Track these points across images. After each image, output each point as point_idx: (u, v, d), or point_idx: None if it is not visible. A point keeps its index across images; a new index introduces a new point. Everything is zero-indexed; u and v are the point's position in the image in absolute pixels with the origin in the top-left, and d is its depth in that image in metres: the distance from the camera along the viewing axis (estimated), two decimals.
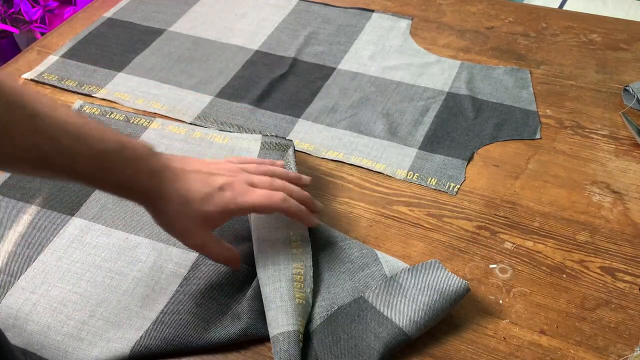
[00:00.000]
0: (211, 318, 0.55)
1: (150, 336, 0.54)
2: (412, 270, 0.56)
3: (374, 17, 0.95)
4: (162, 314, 0.56)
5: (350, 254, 0.60)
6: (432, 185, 0.68)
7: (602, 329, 0.54)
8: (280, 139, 0.71)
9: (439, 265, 0.55)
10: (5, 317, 0.57)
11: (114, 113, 0.78)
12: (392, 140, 0.74)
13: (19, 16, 1.53)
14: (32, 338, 0.55)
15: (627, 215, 0.64)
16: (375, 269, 0.58)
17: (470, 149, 0.72)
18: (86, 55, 0.89)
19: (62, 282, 0.59)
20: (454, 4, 0.97)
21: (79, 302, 0.58)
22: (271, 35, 0.92)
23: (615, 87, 0.80)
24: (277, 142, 0.71)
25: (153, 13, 0.98)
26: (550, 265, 0.60)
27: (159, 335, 0.54)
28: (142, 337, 0.54)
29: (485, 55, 0.87)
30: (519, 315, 0.56)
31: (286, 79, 0.84)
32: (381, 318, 0.53)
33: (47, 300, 0.58)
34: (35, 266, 0.61)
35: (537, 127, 0.74)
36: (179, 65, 0.87)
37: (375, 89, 0.82)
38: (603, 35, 0.89)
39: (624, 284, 0.58)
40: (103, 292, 0.58)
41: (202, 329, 0.54)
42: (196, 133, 0.75)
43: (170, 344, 0.53)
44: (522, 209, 0.65)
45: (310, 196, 0.61)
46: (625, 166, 0.69)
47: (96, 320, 0.56)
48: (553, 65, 0.84)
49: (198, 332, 0.54)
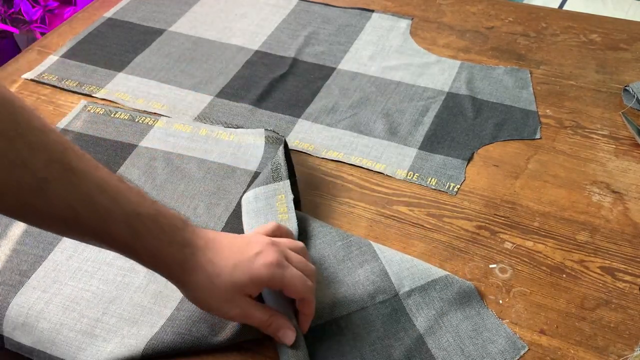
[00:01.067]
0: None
1: (165, 332, 0.54)
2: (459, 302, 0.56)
3: (374, 17, 0.95)
4: (176, 310, 0.56)
5: (350, 252, 0.60)
6: (432, 185, 0.68)
7: (602, 328, 0.54)
8: (275, 134, 0.72)
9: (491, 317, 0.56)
10: (15, 315, 0.57)
11: (118, 112, 0.79)
12: (392, 140, 0.74)
13: (19, 16, 1.53)
14: (43, 336, 0.55)
15: (627, 215, 0.64)
16: (375, 264, 0.58)
17: (470, 148, 0.72)
18: (86, 55, 0.89)
19: (74, 281, 0.60)
20: (454, 4, 0.97)
21: (92, 300, 0.58)
22: (271, 35, 0.92)
23: (615, 87, 0.80)
24: (276, 137, 0.71)
25: (153, 13, 0.98)
26: (550, 265, 0.60)
27: (174, 330, 0.54)
28: (157, 333, 0.54)
29: (485, 55, 0.87)
30: (519, 315, 0.56)
31: (286, 79, 0.84)
32: (409, 325, 0.55)
33: (60, 298, 0.58)
34: (45, 265, 0.61)
35: (537, 127, 0.74)
36: (179, 65, 0.87)
37: (375, 89, 0.82)
38: (603, 35, 0.89)
39: (624, 284, 0.58)
40: (115, 290, 0.59)
41: (217, 326, 0.54)
42: (202, 130, 0.75)
43: (185, 340, 0.53)
44: (522, 209, 0.65)
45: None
46: (625, 166, 0.69)
47: (109, 317, 0.56)
48: (553, 65, 0.84)
49: (212, 329, 0.54)
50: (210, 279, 0.49)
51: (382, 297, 0.56)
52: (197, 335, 0.53)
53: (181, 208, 0.66)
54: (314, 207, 0.66)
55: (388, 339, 0.54)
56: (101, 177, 0.46)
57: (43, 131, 0.44)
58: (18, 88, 0.84)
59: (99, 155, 0.73)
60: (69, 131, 0.76)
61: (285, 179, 0.63)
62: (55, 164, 0.43)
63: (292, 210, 0.61)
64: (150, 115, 0.78)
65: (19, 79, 0.86)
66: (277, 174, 0.63)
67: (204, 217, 0.65)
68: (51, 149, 0.43)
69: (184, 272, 0.49)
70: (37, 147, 0.43)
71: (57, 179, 0.43)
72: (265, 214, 0.61)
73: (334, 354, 0.53)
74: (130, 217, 0.46)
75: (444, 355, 0.52)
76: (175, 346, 0.53)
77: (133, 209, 0.47)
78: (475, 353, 0.52)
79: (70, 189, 0.44)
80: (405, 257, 0.59)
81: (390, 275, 0.57)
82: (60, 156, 0.44)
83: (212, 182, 0.69)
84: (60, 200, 0.43)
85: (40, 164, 0.42)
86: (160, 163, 0.71)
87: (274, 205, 0.62)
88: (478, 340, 0.53)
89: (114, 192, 0.46)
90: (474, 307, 0.56)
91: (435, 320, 0.55)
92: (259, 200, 0.62)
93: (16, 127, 0.42)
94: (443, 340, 0.53)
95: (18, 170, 0.42)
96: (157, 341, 0.53)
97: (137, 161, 0.72)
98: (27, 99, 0.82)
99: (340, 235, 0.61)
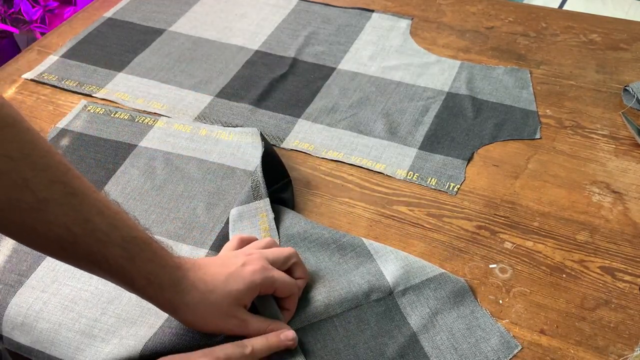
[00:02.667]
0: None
1: (163, 332, 0.54)
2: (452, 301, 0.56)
3: (374, 17, 0.95)
4: None
5: (344, 254, 0.60)
6: (432, 185, 0.68)
7: (602, 328, 0.54)
8: (263, 136, 0.72)
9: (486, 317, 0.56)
10: (14, 315, 0.57)
11: (118, 112, 0.79)
12: (392, 140, 0.74)
13: (19, 16, 1.53)
14: (42, 336, 0.56)
15: (627, 215, 0.64)
16: (370, 265, 0.59)
17: (470, 148, 0.72)
18: (86, 55, 0.89)
19: (73, 281, 0.60)
20: (454, 4, 0.97)
21: (91, 300, 0.58)
22: (271, 35, 0.92)
23: (615, 87, 0.80)
24: (266, 140, 0.72)
25: (153, 13, 0.98)
26: (550, 265, 0.60)
27: (172, 331, 0.54)
28: (155, 334, 0.54)
29: (485, 55, 0.87)
30: (519, 315, 0.56)
31: (286, 79, 0.84)
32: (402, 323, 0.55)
33: (58, 298, 0.58)
34: (44, 265, 0.61)
35: (537, 127, 0.74)
36: (179, 65, 0.87)
37: (375, 89, 0.82)
38: (603, 35, 0.89)
39: (624, 283, 0.58)
40: (114, 290, 0.59)
41: None
42: (202, 130, 0.76)
43: (183, 341, 0.53)
44: (522, 209, 0.65)
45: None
46: (625, 166, 0.69)
47: (108, 317, 0.57)
48: (553, 65, 0.84)
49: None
50: (205, 296, 0.50)
51: (377, 296, 0.56)
52: (196, 336, 0.53)
53: (181, 208, 0.66)
54: (314, 207, 0.66)
55: (382, 337, 0.54)
56: (100, 200, 0.46)
57: (48, 152, 0.44)
58: (18, 88, 0.84)
59: (98, 155, 0.73)
60: (68, 131, 0.76)
61: (265, 197, 0.64)
62: (56, 185, 0.43)
63: (274, 229, 0.62)
64: (150, 115, 0.78)
65: (19, 79, 0.86)
66: (257, 192, 0.64)
67: (204, 218, 0.65)
68: (54, 171, 0.44)
69: (177, 294, 0.49)
70: (41, 167, 0.43)
71: (57, 200, 0.43)
72: (250, 233, 0.62)
73: (328, 352, 0.53)
74: (126, 241, 0.47)
75: (437, 353, 0.52)
76: (173, 347, 0.53)
77: (129, 232, 0.47)
78: (469, 351, 0.52)
79: (70, 211, 0.44)
80: (399, 254, 0.59)
81: (386, 275, 0.58)
82: (62, 177, 0.44)
83: (212, 183, 0.69)
84: (58, 222, 0.44)
85: (42, 185, 0.43)
86: (160, 163, 0.71)
87: (257, 224, 0.62)
88: (471, 339, 0.53)
89: (112, 216, 0.46)
90: (468, 306, 0.56)
91: (429, 318, 0.55)
92: (244, 218, 0.63)
93: (21, 148, 0.42)
94: (437, 339, 0.53)
95: (19, 190, 0.42)
96: (156, 342, 0.53)
97: (136, 161, 0.72)
98: (27, 99, 0.82)
99: (333, 237, 0.61)
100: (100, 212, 0.46)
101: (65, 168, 0.45)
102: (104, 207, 0.46)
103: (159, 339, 0.54)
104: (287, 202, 0.65)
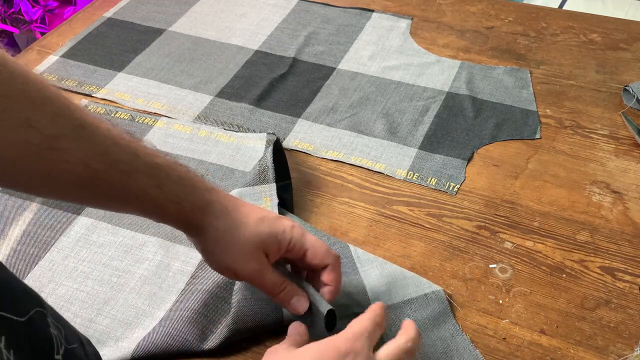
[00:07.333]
0: (218, 316, 0.55)
1: (156, 332, 0.54)
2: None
3: (374, 17, 0.95)
4: (169, 311, 0.56)
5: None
6: (432, 185, 0.68)
7: (602, 328, 0.54)
8: (274, 136, 0.72)
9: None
10: None
11: (119, 112, 0.79)
12: (392, 140, 0.74)
13: (19, 16, 1.53)
14: None
15: (627, 215, 0.64)
16: (353, 277, 0.58)
17: (470, 148, 0.72)
18: (86, 55, 0.89)
19: (69, 281, 0.60)
20: (454, 4, 0.97)
21: (86, 301, 0.58)
22: (271, 35, 0.92)
23: (615, 87, 0.80)
24: (275, 139, 0.71)
25: (153, 13, 0.98)
26: (550, 265, 0.60)
27: (165, 331, 0.54)
28: (148, 334, 0.54)
29: (485, 55, 0.87)
30: (519, 315, 0.56)
31: (286, 79, 0.84)
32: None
33: (54, 298, 0.58)
34: (41, 265, 0.61)
35: (537, 127, 0.74)
36: (179, 65, 0.87)
37: (375, 88, 0.82)
38: (603, 35, 0.89)
39: (624, 283, 0.58)
40: (110, 291, 0.59)
41: (207, 328, 0.54)
42: (201, 132, 0.76)
43: (175, 342, 0.53)
44: (522, 209, 0.65)
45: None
46: (625, 166, 0.69)
47: (103, 318, 0.57)
48: (553, 65, 0.84)
49: (202, 331, 0.54)
50: (232, 228, 0.47)
51: (357, 310, 0.54)
52: (189, 337, 0.53)
53: None
54: (314, 207, 0.66)
55: None
56: (111, 130, 0.42)
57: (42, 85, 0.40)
58: None
59: None
60: None
61: (271, 182, 0.63)
62: (61, 119, 0.39)
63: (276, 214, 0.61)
64: (150, 116, 0.78)
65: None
66: (264, 176, 0.63)
67: None
68: (54, 103, 0.39)
69: (207, 215, 0.46)
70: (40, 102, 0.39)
71: (66, 135, 0.39)
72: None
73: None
74: (150, 167, 0.44)
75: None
76: (165, 347, 0.53)
77: (151, 159, 0.44)
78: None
79: (84, 145, 0.40)
80: (385, 269, 0.58)
81: (367, 290, 0.57)
82: (65, 110, 0.40)
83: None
84: (74, 159, 0.40)
85: (46, 120, 0.38)
86: None
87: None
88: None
89: (129, 145, 0.43)
90: (449, 330, 0.54)
91: None
92: (245, 200, 0.62)
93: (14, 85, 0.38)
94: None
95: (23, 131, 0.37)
96: (148, 342, 0.53)
97: None
98: None
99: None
100: (116, 143, 0.42)
101: (66, 101, 0.40)
102: (118, 137, 0.42)
103: (152, 339, 0.54)
104: (287, 202, 0.65)
